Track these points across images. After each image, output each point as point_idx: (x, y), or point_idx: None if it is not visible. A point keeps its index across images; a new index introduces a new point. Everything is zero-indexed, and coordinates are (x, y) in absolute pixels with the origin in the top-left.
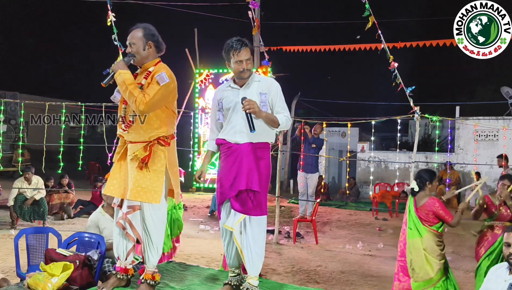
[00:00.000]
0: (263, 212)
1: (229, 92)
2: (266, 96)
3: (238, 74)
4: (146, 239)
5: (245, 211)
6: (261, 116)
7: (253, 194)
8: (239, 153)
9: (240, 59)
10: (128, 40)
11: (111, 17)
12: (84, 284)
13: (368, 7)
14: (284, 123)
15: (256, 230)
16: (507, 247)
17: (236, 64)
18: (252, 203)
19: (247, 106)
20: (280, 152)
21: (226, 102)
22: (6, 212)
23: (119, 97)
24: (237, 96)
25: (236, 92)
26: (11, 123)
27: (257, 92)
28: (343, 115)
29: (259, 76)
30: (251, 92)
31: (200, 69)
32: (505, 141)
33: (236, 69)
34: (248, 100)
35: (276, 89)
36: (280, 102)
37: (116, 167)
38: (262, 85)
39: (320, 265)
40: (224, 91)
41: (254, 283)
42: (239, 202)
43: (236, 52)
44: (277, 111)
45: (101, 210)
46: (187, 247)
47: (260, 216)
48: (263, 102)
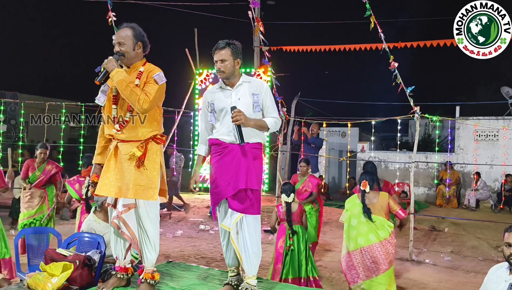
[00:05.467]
0: (259, 211)
1: (220, 94)
2: (258, 96)
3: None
4: (143, 237)
5: (242, 210)
6: (250, 125)
7: (251, 193)
8: (236, 153)
9: (215, 59)
10: (116, 39)
11: (111, 17)
12: (84, 284)
13: (369, 7)
14: (273, 125)
15: (252, 229)
16: (508, 247)
17: (215, 64)
18: (250, 202)
19: (235, 118)
20: (280, 152)
21: (218, 104)
22: (6, 212)
23: (104, 98)
24: (229, 97)
25: (228, 93)
26: (11, 123)
27: (250, 92)
28: (343, 115)
29: (248, 77)
30: (243, 93)
31: (200, 69)
32: (505, 141)
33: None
34: (237, 111)
35: (266, 90)
36: (270, 103)
37: (107, 167)
38: (253, 86)
39: (320, 265)
40: (214, 93)
41: (253, 283)
42: (237, 201)
43: (214, 52)
44: (268, 111)
45: (94, 218)
46: (187, 247)
47: (255, 215)
48: (255, 103)
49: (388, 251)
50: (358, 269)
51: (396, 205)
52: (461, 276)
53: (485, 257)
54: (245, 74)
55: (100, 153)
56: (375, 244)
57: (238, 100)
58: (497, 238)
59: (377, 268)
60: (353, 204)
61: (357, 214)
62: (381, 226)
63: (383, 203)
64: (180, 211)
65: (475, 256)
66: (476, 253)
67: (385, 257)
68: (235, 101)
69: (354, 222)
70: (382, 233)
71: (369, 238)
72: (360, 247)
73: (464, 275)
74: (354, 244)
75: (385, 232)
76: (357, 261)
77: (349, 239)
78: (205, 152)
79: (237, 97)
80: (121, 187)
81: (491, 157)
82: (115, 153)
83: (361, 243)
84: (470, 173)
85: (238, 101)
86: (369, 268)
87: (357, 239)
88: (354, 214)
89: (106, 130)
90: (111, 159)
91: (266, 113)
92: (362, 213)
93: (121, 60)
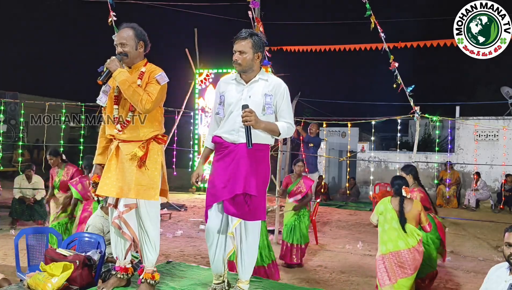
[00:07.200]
0: (260, 217)
1: (233, 86)
2: (271, 98)
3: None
4: (143, 237)
5: (240, 216)
6: (260, 127)
7: (249, 199)
8: (236, 154)
9: (234, 49)
10: (118, 40)
11: (111, 17)
12: (84, 284)
13: (369, 7)
14: (285, 131)
15: (251, 235)
16: (508, 247)
17: (233, 54)
18: (248, 208)
19: (245, 119)
20: (280, 152)
21: (228, 97)
22: (6, 212)
23: (105, 98)
24: (241, 93)
25: (241, 88)
26: (11, 123)
27: (263, 92)
28: (343, 115)
29: (267, 75)
30: (256, 91)
31: (200, 69)
32: (505, 141)
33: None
34: (248, 111)
35: (283, 92)
36: (285, 106)
37: (108, 167)
38: (269, 85)
39: (320, 265)
40: (228, 84)
41: (245, 287)
42: (234, 206)
43: (235, 41)
44: (281, 115)
45: (102, 213)
46: (187, 247)
47: (255, 221)
48: (267, 104)
49: (415, 257)
50: (388, 272)
51: (425, 219)
52: (461, 276)
53: (485, 257)
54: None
55: (101, 153)
56: (404, 251)
57: (249, 98)
58: (497, 238)
59: (403, 272)
60: (386, 209)
61: (389, 220)
62: (411, 234)
63: (415, 212)
64: (180, 211)
65: (475, 256)
66: (476, 253)
67: (411, 262)
68: (245, 98)
69: (386, 226)
70: (411, 241)
71: (398, 244)
72: (389, 251)
73: (464, 275)
74: (385, 248)
75: (414, 240)
76: (387, 265)
77: (381, 243)
78: (211, 144)
79: (248, 94)
80: (123, 187)
81: (491, 157)
82: (116, 153)
83: (390, 248)
84: (470, 173)
85: (249, 99)
86: (395, 272)
87: (387, 243)
88: (387, 219)
89: (107, 130)
90: (112, 159)
91: (279, 117)
92: (394, 220)
93: (123, 60)
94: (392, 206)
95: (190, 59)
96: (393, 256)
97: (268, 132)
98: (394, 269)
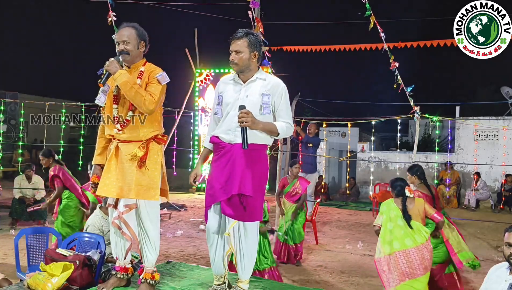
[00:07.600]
0: (257, 217)
1: (231, 86)
2: (269, 97)
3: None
4: (143, 237)
5: (237, 217)
6: (258, 128)
7: (245, 199)
8: (232, 155)
9: (231, 49)
10: (119, 38)
11: (111, 17)
12: (84, 284)
13: (369, 7)
14: (284, 131)
15: (249, 236)
16: (508, 247)
17: (230, 54)
18: (244, 209)
19: (241, 120)
20: (280, 152)
21: (226, 97)
22: (6, 212)
23: (104, 98)
24: (238, 92)
25: (238, 88)
26: (11, 123)
27: (260, 92)
28: (343, 115)
29: (266, 74)
30: (253, 91)
31: (200, 69)
32: (505, 141)
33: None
34: (244, 112)
35: (281, 92)
36: (284, 106)
37: (108, 168)
38: (267, 85)
39: (320, 265)
40: (226, 84)
41: (245, 287)
42: (230, 207)
43: (231, 41)
44: (279, 115)
45: (101, 213)
46: (187, 247)
47: (253, 222)
48: (265, 104)
49: (424, 256)
50: (394, 273)
51: (431, 209)
52: (461, 276)
53: (485, 257)
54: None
55: (100, 153)
56: (411, 249)
57: (246, 97)
58: (497, 238)
59: (412, 272)
60: (389, 207)
61: (394, 218)
62: (418, 231)
63: (419, 208)
64: (180, 211)
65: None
66: (476, 253)
67: (420, 262)
68: (242, 98)
69: (390, 225)
70: (419, 238)
71: (405, 243)
72: (395, 251)
73: (464, 275)
74: (390, 248)
75: (421, 237)
76: (393, 266)
77: (384, 243)
78: (211, 145)
79: (245, 94)
80: (123, 187)
81: (491, 157)
82: (115, 154)
83: (396, 247)
84: (470, 173)
85: (246, 98)
86: (403, 272)
87: (392, 243)
88: (391, 218)
89: (106, 130)
90: (111, 160)
91: (277, 117)
92: (398, 217)
93: (125, 58)
94: (396, 205)
95: (190, 59)
96: (400, 255)
97: (266, 132)
98: (402, 269)
